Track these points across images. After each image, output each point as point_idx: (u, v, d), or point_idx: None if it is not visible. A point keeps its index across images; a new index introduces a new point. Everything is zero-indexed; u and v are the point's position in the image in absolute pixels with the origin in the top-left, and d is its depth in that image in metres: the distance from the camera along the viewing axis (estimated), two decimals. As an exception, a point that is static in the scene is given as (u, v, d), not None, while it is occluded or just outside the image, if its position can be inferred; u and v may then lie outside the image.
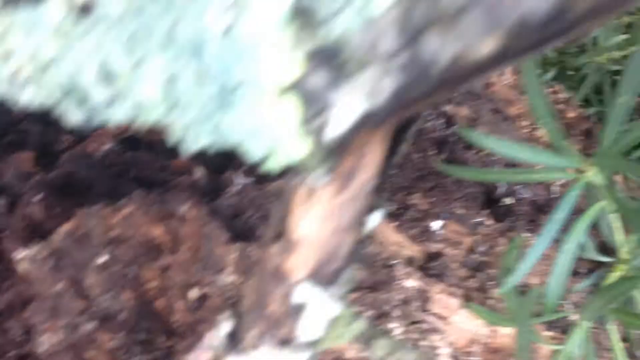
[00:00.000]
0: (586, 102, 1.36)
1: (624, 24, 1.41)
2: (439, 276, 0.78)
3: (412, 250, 0.78)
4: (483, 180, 0.79)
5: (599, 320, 0.91)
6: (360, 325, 0.40)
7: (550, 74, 1.27)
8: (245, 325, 0.38)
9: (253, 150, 0.32)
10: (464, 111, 0.87)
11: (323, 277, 0.36)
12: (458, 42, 0.29)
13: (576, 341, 0.80)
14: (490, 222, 0.84)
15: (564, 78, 1.36)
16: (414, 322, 0.73)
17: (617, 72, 1.35)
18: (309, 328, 0.37)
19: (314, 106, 0.30)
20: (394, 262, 0.72)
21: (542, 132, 1.05)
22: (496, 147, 0.62)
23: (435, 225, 0.80)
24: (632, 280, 0.73)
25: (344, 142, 0.33)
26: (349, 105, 0.30)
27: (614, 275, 0.88)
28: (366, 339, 0.40)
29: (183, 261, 0.58)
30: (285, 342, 0.37)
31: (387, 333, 0.41)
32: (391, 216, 0.78)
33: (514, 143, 0.63)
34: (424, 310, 0.75)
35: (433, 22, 0.29)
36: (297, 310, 0.36)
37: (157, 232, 0.59)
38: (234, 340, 0.38)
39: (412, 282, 0.74)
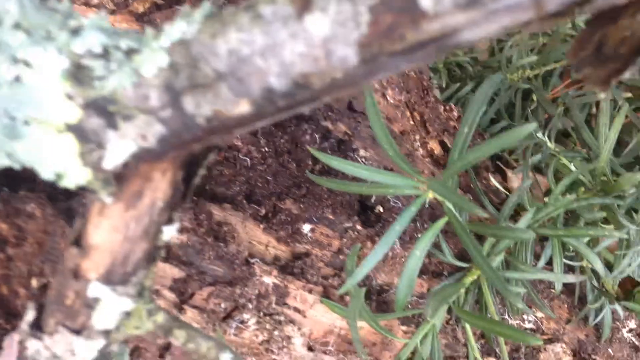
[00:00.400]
0: (497, 117, 1.45)
1: (539, 45, 1.49)
2: (300, 274, 0.85)
3: (278, 250, 0.85)
4: (345, 191, 0.86)
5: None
6: (160, 317, 0.47)
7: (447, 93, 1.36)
8: (48, 314, 0.44)
9: (44, 173, 0.38)
10: (341, 127, 0.93)
11: (114, 278, 0.42)
12: (214, 104, 0.36)
13: (420, 335, 0.88)
14: (360, 227, 0.91)
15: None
16: (268, 314, 0.81)
17: (528, 90, 1.44)
18: (102, 319, 0.43)
19: (90, 143, 0.37)
20: (255, 260, 0.79)
21: (431, 146, 1.13)
22: (340, 167, 0.69)
23: (306, 228, 0.87)
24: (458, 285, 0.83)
25: (124, 172, 0.39)
26: (122, 144, 0.37)
27: (469, 278, 0.97)
28: (166, 329, 0.46)
29: (27, 253, 0.64)
30: (81, 329, 0.43)
31: (185, 323, 0.47)
32: (261, 219, 0.84)
33: (357, 164, 0.70)
34: (281, 304, 0.82)
35: (192, 87, 0.35)
36: (91, 304, 0.43)
37: (3, 226, 0.66)
38: (37, 326, 0.45)
39: (270, 279, 0.81)
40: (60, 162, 0.37)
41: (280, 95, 0.36)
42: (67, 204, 0.68)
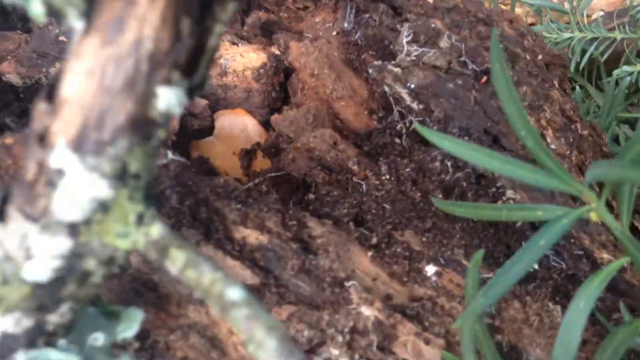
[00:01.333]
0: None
1: None
2: (416, 317, 0.67)
3: (390, 287, 0.68)
4: (476, 217, 0.68)
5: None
6: (155, 229, 0.34)
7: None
8: (10, 197, 0.34)
9: None
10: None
11: (86, 145, 0.31)
12: None
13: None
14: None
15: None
16: (365, 359, 0.63)
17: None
18: (65, 203, 0.32)
19: None
20: (352, 282, 0.63)
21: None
22: (459, 152, 0.53)
23: (429, 269, 0.70)
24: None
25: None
26: None
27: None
28: (161, 248, 0.34)
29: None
30: (40, 216, 0.32)
31: (187, 243, 0.34)
32: (370, 246, 0.69)
33: (486, 150, 0.53)
34: (385, 350, 0.65)
35: None
36: (54, 180, 0.32)
37: None
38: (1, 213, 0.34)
39: (372, 311, 0.64)
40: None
41: None
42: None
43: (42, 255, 0.33)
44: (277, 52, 0.91)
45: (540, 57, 0.91)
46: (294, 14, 1.07)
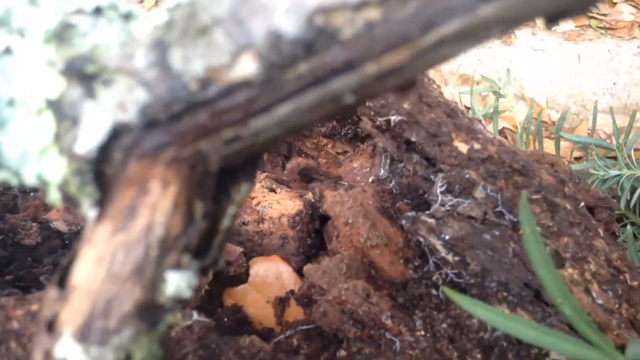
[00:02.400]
0: None
1: None
2: None
3: None
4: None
5: None
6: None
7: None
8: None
9: (27, 176, 0.31)
10: (522, 313, 0.73)
11: (91, 334, 0.31)
12: (206, 57, 0.27)
13: None
14: None
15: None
16: None
17: None
18: (67, 396, 0.31)
19: (65, 120, 0.29)
20: None
21: None
22: (492, 319, 0.50)
23: None
24: None
25: (108, 173, 0.30)
26: (97, 118, 0.28)
27: None
28: None
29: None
30: (41, 409, 0.31)
31: None
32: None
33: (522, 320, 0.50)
34: None
35: (182, 38, 0.27)
36: (58, 370, 0.31)
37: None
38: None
39: None
40: (39, 155, 0.29)
41: (293, 44, 0.26)
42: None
43: None
44: (313, 199, 0.92)
45: (582, 204, 0.89)
46: (333, 158, 1.08)
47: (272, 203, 0.91)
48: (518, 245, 0.75)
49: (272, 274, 0.86)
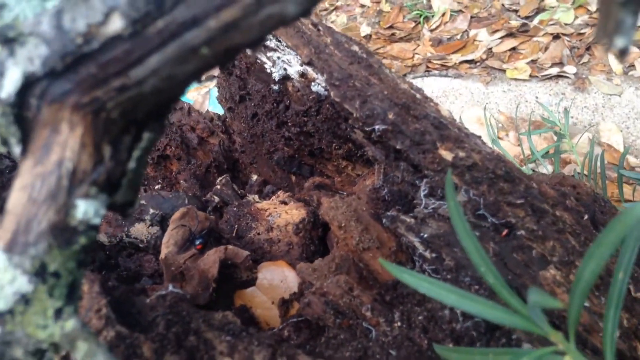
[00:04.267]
0: None
1: None
2: None
3: None
4: None
5: None
6: (70, 324, 0.40)
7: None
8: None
9: None
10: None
11: (15, 247, 0.39)
12: (87, 17, 0.35)
13: None
14: None
15: None
16: None
17: None
18: (-5, 297, 0.39)
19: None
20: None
21: None
22: (415, 283, 0.55)
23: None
24: None
25: (27, 115, 0.38)
26: (13, 71, 0.37)
27: None
28: (71, 339, 0.39)
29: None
30: (-23, 308, 0.39)
31: (92, 335, 0.39)
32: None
33: (441, 284, 0.54)
34: None
35: (73, 4, 0.36)
36: (-11, 276, 0.39)
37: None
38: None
39: None
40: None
41: (147, 2, 0.34)
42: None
43: (-25, 340, 0.39)
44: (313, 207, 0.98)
45: (585, 217, 0.91)
46: (351, 179, 1.15)
47: (281, 213, 0.99)
48: (498, 247, 0.79)
49: (277, 278, 0.93)
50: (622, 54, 0.34)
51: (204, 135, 1.28)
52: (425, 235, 0.77)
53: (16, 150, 0.40)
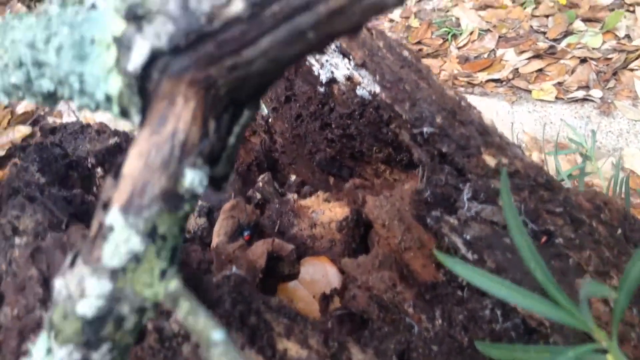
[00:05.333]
0: None
1: None
2: None
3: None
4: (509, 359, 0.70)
5: None
6: (174, 283, 0.44)
7: None
8: (81, 248, 0.46)
9: (98, 95, 0.44)
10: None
11: (130, 208, 0.43)
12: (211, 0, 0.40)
13: None
14: None
15: None
16: None
17: None
18: (110, 253, 0.43)
19: (123, 48, 0.42)
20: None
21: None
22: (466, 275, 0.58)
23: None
24: None
25: (149, 88, 0.43)
26: (142, 44, 0.42)
27: None
28: (174, 298, 0.43)
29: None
30: (94, 263, 0.43)
31: (192, 295, 0.43)
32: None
33: (499, 279, 0.58)
34: None
35: None
36: (106, 234, 0.43)
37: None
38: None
39: None
40: (106, 77, 0.43)
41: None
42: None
43: (91, 295, 0.43)
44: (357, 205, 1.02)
45: (619, 231, 0.94)
46: (388, 182, 1.19)
47: (325, 210, 1.03)
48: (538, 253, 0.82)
49: (319, 273, 0.97)
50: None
51: (246, 134, 1.32)
52: (468, 237, 0.81)
53: (135, 119, 0.44)
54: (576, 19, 2.78)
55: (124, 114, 0.45)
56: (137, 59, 0.42)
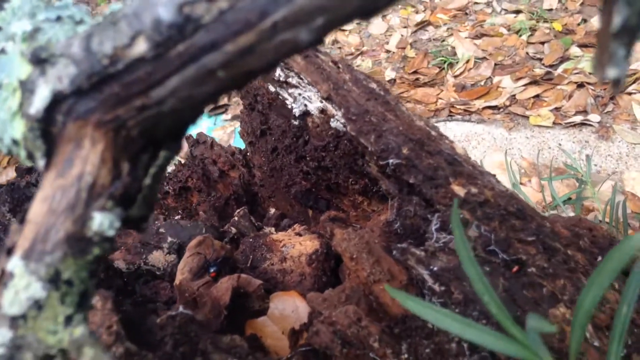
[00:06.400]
0: None
1: None
2: None
3: None
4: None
5: None
6: (79, 330, 0.41)
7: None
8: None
9: (5, 140, 0.43)
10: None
11: (32, 255, 0.41)
12: (114, 40, 0.38)
13: None
14: None
15: None
16: None
17: None
18: (10, 300, 0.41)
19: (27, 93, 0.41)
20: None
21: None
22: (421, 312, 0.56)
23: None
24: None
25: (52, 130, 0.41)
26: (43, 87, 0.40)
27: None
28: (78, 345, 0.41)
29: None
30: (-6, 311, 0.41)
31: (98, 343, 0.41)
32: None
33: (442, 310, 0.55)
34: None
35: (101, 29, 0.39)
36: (6, 281, 0.41)
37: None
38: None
39: None
40: (12, 121, 0.41)
41: (169, 27, 0.37)
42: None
43: (-10, 341, 0.41)
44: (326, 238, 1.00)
45: (599, 258, 0.91)
46: (366, 214, 1.16)
47: (295, 244, 1.00)
48: (509, 283, 0.79)
49: (289, 308, 0.94)
50: (615, 85, 0.36)
51: (225, 169, 1.31)
52: (435, 268, 0.78)
53: (40, 163, 0.42)
54: (572, 44, 2.76)
55: (31, 157, 0.43)
56: (38, 103, 0.40)
